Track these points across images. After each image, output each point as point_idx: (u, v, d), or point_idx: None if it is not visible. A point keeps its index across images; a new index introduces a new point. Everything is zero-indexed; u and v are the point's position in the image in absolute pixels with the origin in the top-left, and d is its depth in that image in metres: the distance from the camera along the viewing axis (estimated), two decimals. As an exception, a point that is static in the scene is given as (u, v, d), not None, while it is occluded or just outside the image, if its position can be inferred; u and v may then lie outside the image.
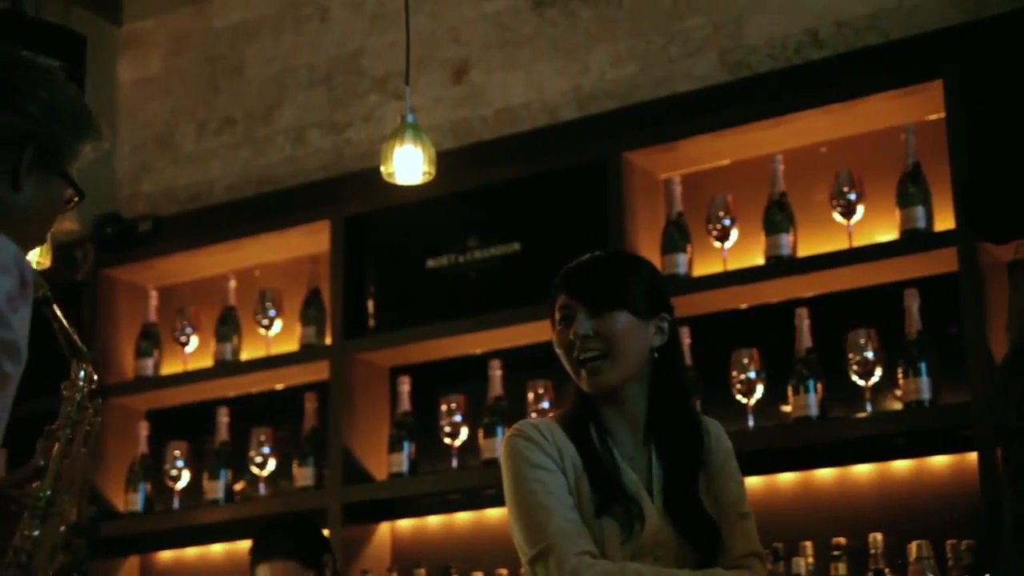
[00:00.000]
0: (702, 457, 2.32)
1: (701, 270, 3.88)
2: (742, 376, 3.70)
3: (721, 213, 3.84)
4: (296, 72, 4.85)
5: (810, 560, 3.50)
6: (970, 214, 2.08)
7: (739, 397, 3.70)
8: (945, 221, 3.53)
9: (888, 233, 3.65)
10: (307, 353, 4.43)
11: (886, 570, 3.40)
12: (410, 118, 3.42)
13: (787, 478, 3.75)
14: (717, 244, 3.85)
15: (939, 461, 3.57)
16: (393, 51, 4.58)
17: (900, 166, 3.64)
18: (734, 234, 3.84)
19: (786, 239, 3.74)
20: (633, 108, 4.15)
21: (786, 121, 3.78)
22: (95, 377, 2.08)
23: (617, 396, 2.31)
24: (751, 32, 4.04)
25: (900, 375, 3.52)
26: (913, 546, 3.33)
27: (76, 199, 1.88)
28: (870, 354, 3.56)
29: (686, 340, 3.66)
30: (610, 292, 2.30)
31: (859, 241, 3.66)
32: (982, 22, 3.68)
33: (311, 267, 4.54)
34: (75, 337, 2.04)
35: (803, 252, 3.75)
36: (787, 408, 3.66)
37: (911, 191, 3.60)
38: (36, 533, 1.96)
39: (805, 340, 3.66)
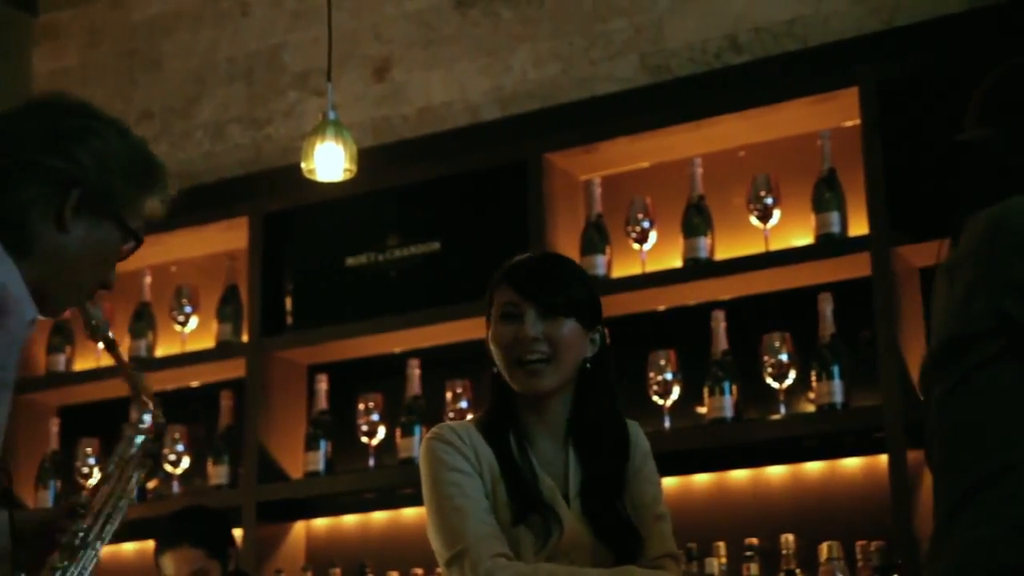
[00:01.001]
0: (627, 463, 2.33)
1: (620, 272, 3.90)
2: (659, 377, 3.73)
3: (640, 215, 3.87)
4: (216, 67, 4.81)
5: (723, 560, 3.53)
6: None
7: (656, 398, 3.73)
8: (859, 226, 3.58)
9: (804, 237, 3.70)
10: (223, 350, 4.40)
11: (797, 570, 3.44)
12: (331, 115, 3.40)
13: (702, 479, 3.78)
14: (636, 246, 3.88)
15: (850, 463, 3.62)
16: (314, 47, 4.55)
17: (816, 171, 3.69)
18: (653, 236, 3.87)
19: (704, 242, 3.78)
20: (554, 109, 4.17)
21: (705, 125, 3.81)
22: (160, 421, 2.22)
23: (542, 401, 2.31)
24: (672, 36, 4.07)
25: (813, 378, 3.57)
26: (824, 547, 3.38)
27: (134, 245, 1.93)
28: (784, 357, 3.61)
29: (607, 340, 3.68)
30: (564, 298, 2.31)
31: (775, 245, 3.71)
32: (897, 31, 3.74)
33: (229, 263, 4.50)
34: (140, 383, 2.16)
35: (720, 255, 3.78)
36: (703, 409, 3.69)
37: (826, 196, 3.65)
38: (64, 564, 2.03)
39: (721, 342, 3.69)
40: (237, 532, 4.18)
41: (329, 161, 3.36)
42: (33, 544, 2.04)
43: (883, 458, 3.44)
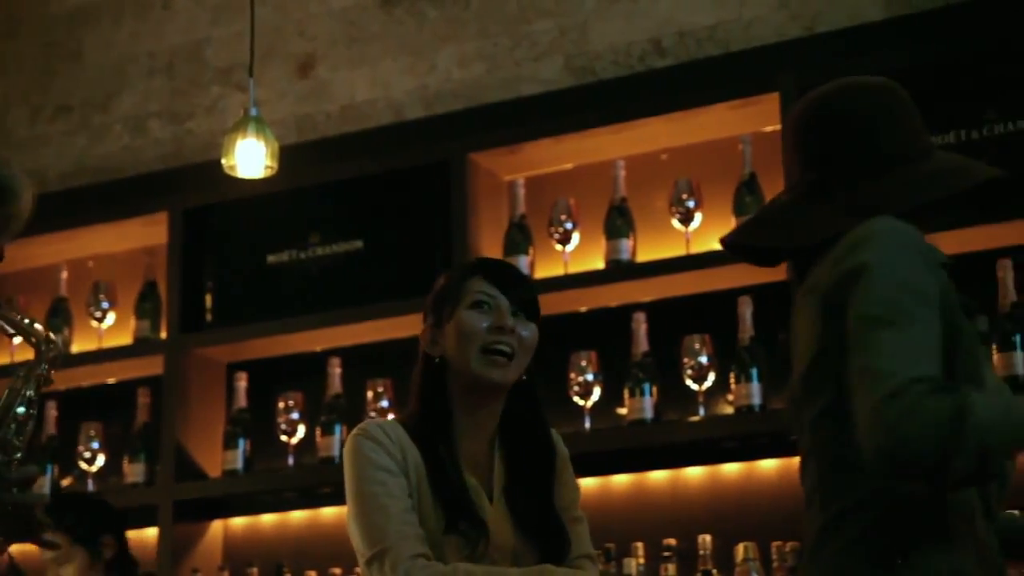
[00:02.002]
0: (553, 464, 2.35)
1: (542, 272, 3.91)
2: (580, 378, 3.74)
3: (563, 216, 3.88)
4: (137, 60, 4.75)
5: (641, 561, 3.56)
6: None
7: (576, 399, 3.75)
8: (779, 231, 3.61)
9: (724, 241, 3.73)
10: (141, 347, 4.35)
11: (714, 571, 3.48)
12: (253, 111, 3.38)
13: (621, 479, 3.80)
14: (559, 247, 3.89)
15: (767, 465, 3.66)
16: (238, 42, 4.52)
17: (737, 175, 3.72)
18: (575, 238, 3.88)
19: (626, 244, 3.80)
20: (479, 109, 4.17)
21: (628, 127, 3.83)
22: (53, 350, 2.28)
23: (483, 398, 2.30)
24: (596, 38, 4.09)
25: (732, 380, 3.60)
26: (740, 547, 3.41)
27: None
28: (704, 359, 3.64)
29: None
30: (534, 301, 2.33)
31: (696, 248, 3.74)
32: (817, 37, 3.79)
33: (147, 259, 4.45)
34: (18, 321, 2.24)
35: (642, 257, 3.81)
36: (623, 411, 3.71)
37: (747, 200, 3.68)
38: None
39: (642, 344, 3.71)
40: (152, 531, 4.14)
41: (250, 157, 3.33)
42: None
43: (798, 460, 3.47)
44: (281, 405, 4.11)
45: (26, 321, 2.35)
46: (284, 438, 4.11)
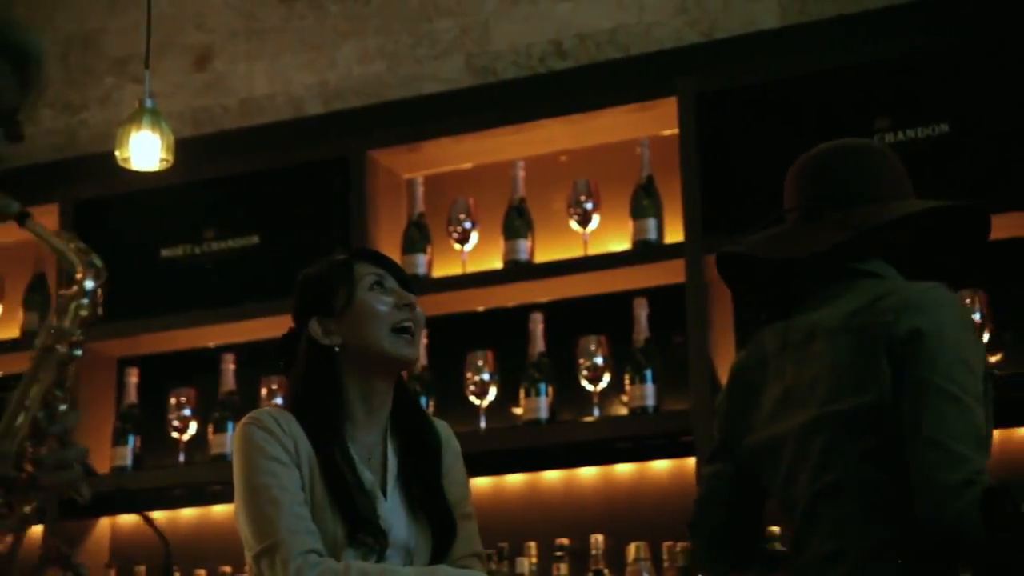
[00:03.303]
0: (440, 451, 2.34)
1: (440, 271, 3.91)
2: (476, 378, 3.75)
3: (462, 216, 3.88)
4: (29, 48, 4.65)
5: (533, 560, 3.57)
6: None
7: (472, 398, 3.75)
8: (675, 234, 3.66)
9: (621, 243, 3.76)
10: (30, 340, 4.25)
11: (605, 570, 3.50)
12: (148, 103, 3.33)
13: (515, 479, 3.81)
14: (457, 246, 3.89)
15: (660, 466, 3.69)
16: (134, 33, 4.44)
17: (635, 178, 3.75)
18: (474, 237, 3.89)
19: (524, 244, 3.81)
20: (379, 106, 4.15)
21: (528, 128, 3.84)
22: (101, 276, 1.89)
23: (376, 385, 2.29)
24: (497, 38, 4.10)
25: (627, 381, 3.63)
26: (632, 547, 3.44)
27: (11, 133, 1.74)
28: (599, 360, 3.66)
29: (423, 340, 3.68)
30: (410, 281, 2.35)
31: (594, 250, 3.76)
32: (715, 43, 3.83)
33: (37, 251, 4.37)
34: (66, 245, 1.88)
35: (540, 258, 3.82)
36: (518, 410, 3.72)
37: (644, 203, 3.72)
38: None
39: (538, 344, 3.73)
40: (37, 528, 4.05)
41: (145, 150, 3.29)
42: None
43: (691, 461, 3.51)
44: (173, 401, 4.05)
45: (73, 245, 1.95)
46: (175, 435, 4.05)
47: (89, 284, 1.91)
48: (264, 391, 3.95)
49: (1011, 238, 3.16)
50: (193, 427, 4.06)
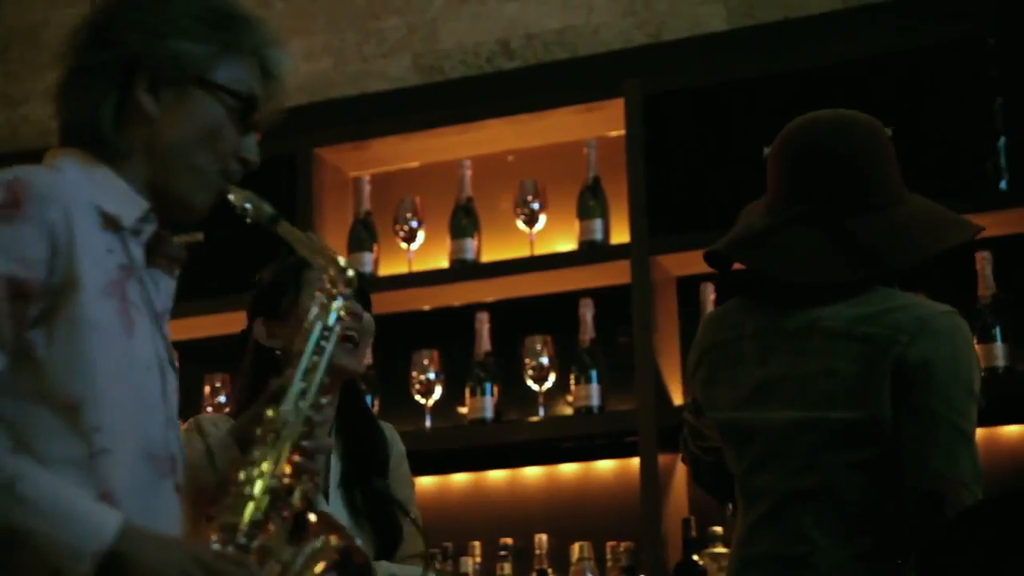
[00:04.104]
0: (387, 452, 2.34)
1: (386, 270, 3.90)
2: (421, 377, 3.74)
3: (408, 214, 3.87)
4: (-30, 40, 4.60)
5: (478, 560, 3.57)
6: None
7: (418, 397, 3.74)
8: (621, 234, 3.67)
9: (567, 243, 3.77)
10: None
11: (549, 570, 3.51)
12: (93, 98, 3.29)
13: (460, 478, 3.81)
14: (403, 245, 3.88)
15: (604, 466, 3.70)
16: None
17: (582, 179, 3.76)
18: (420, 236, 3.88)
19: (471, 244, 3.81)
20: (325, 104, 4.13)
21: (475, 128, 3.84)
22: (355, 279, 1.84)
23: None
24: (445, 38, 4.10)
25: (572, 381, 3.64)
26: (576, 547, 3.45)
27: (241, 105, 1.77)
28: (545, 360, 3.66)
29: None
30: (367, 291, 2.30)
31: (540, 250, 3.76)
32: (663, 45, 3.85)
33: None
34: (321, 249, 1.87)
35: (486, 258, 3.82)
36: (464, 410, 3.72)
37: (591, 204, 3.73)
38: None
39: (484, 344, 3.73)
40: None
41: (89, 145, 3.24)
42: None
43: (635, 461, 3.53)
44: (115, 399, 4.01)
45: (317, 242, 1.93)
46: (117, 433, 4.01)
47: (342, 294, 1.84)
48: (207, 388, 3.92)
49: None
50: (135, 425, 4.02)
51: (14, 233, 1.59)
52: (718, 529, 3.31)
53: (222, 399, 3.90)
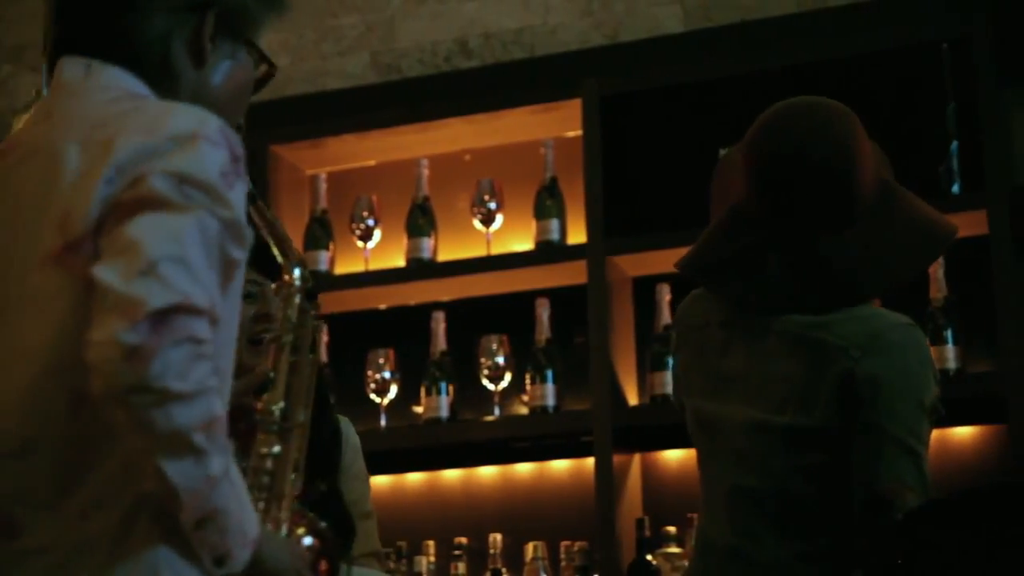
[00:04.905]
0: (342, 452, 2.32)
1: (342, 269, 3.89)
2: (377, 376, 3.73)
3: (365, 213, 3.87)
4: (-79, 33, 4.55)
5: (432, 559, 3.57)
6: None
7: (373, 396, 3.73)
8: (578, 235, 3.68)
9: (524, 243, 3.77)
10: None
11: (503, 570, 3.51)
12: (45, 92, 3.26)
13: (415, 478, 3.81)
14: (360, 243, 3.87)
15: (559, 465, 3.71)
16: (31, 20, 4.35)
17: (539, 179, 3.76)
18: (377, 234, 3.87)
19: (427, 243, 3.80)
20: (282, 101, 4.10)
21: (432, 127, 3.84)
22: (309, 277, 1.82)
23: (244, 399, 2.26)
24: (403, 36, 4.09)
25: (528, 381, 3.64)
26: (530, 546, 3.46)
27: (268, 74, 1.70)
28: (501, 359, 3.66)
29: (324, 337, 3.66)
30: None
31: (497, 249, 3.76)
32: (620, 46, 3.86)
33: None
34: (287, 236, 1.80)
35: (443, 257, 3.82)
36: (419, 409, 3.72)
37: (548, 204, 3.73)
38: (276, 450, 1.72)
39: (440, 343, 3.72)
40: None
41: (43, 140, 3.22)
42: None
43: (590, 461, 3.53)
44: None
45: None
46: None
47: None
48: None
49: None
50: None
51: (242, 187, 1.52)
52: (672, 529, 3.32)
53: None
